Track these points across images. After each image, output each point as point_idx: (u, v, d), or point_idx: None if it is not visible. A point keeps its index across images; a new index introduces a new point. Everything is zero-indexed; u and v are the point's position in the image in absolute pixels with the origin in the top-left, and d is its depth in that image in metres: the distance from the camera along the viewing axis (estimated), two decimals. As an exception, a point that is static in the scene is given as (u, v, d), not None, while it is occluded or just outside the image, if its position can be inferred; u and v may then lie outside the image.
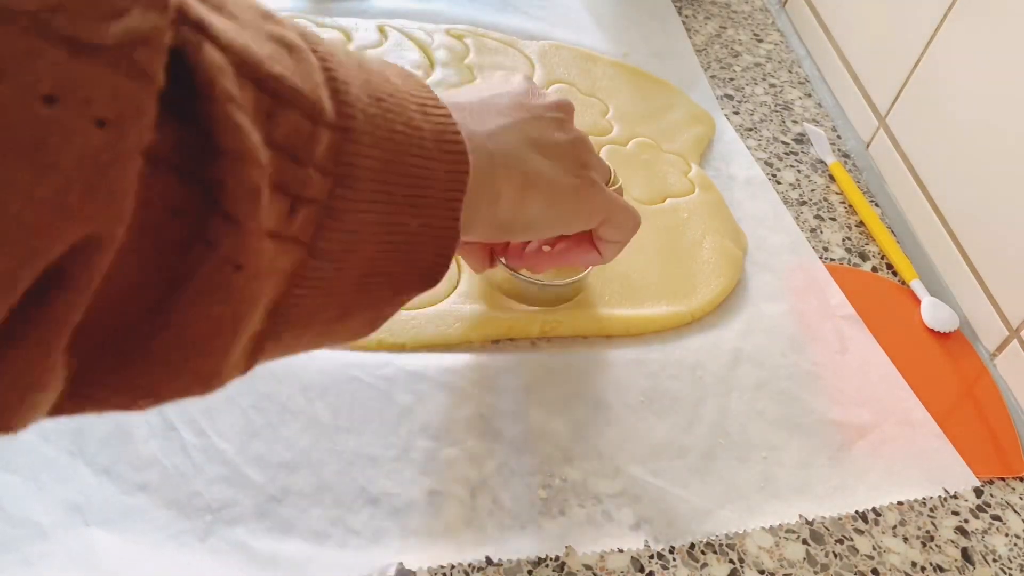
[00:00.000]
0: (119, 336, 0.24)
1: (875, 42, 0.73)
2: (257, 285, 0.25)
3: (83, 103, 0.19)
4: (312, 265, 0.27)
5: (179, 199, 0.23)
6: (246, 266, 0.24)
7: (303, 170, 0.26)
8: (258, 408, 0.45)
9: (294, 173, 0.26)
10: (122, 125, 0.20)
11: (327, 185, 0.27)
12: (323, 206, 0.27)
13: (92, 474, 0.42)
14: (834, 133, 0.74)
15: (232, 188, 0.23)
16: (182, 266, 0.24)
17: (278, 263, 0.26)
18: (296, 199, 0.26)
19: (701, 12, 0.85)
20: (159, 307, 0.24)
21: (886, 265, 0.63)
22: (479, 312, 0.52)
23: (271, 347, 0.28)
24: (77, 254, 0.20)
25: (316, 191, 0.27)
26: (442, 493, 0.44)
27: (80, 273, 0.21)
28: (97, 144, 0.20)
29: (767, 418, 0.51)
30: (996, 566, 0.47)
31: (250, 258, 0.24)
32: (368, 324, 0.33)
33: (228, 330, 0.25)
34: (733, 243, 0.60)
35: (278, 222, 0.25)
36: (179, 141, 0.22)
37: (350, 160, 0.28)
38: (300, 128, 0.26)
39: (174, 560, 0.40)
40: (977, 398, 0.56)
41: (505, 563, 0.42)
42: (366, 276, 0.30)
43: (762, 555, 0.45)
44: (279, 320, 0.28)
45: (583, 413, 0.49)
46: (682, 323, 0.55)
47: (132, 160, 0.21)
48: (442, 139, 0.32)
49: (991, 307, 0.59)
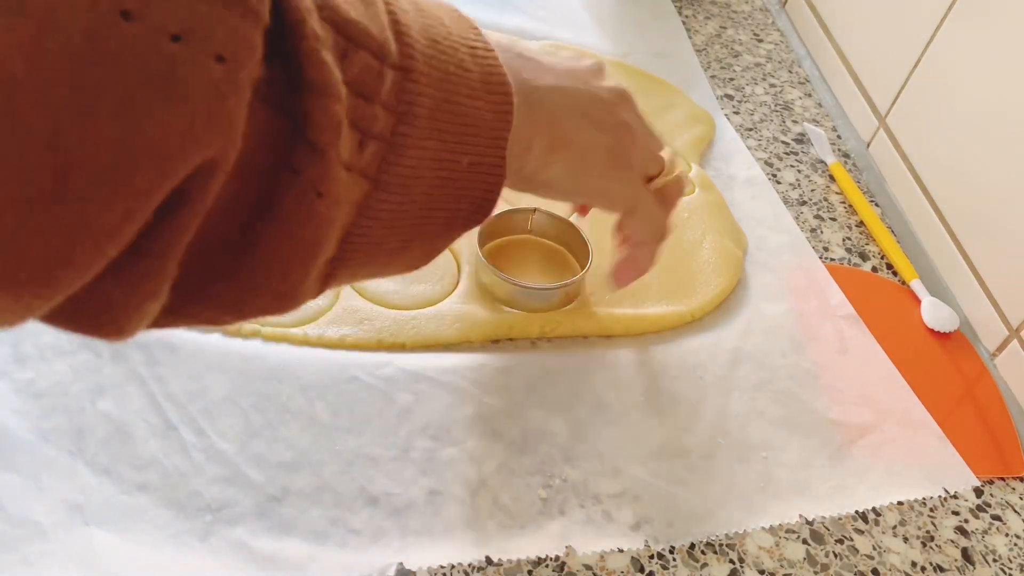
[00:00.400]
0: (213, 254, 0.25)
1: (875, 42, 0.73)
2: (336, 211, 0.27)
3: (205, 40, 0.21)
4: (377, 197, 0.29)
5: (272, 129, 0.25)
6: (326, 193, 0.26)
7: (371, 107, 0.28)
8: (258, 408, 0.45)
9: (364, 110, 0.28)
10: (237, 60, 0.22)
11: (391, 122, 0.29)
12: (387, 142, 0.29)
13: (92, 474, 0.42)
14: (834, 133, 0.74)
15: (317, 119, 0.25)
16: (272, 191, 0.25)
17: (351, 194, 0.28)
18: (365, 135, 0.28)
19: (701, 12, 0.85)
20: (249, 228, 0.26)
21: (886, 265, 0.63)
22: (479, 312, 0.52)
23: (341, 273, 0.30)
24: (197, 176, 0.22)
25: (381, 127, 0.28)
26: (442, 493, 0.44)
27: (198, 193, 0.23)
28: (217, 77, 0.22)
29: (767, 418, 0.51)
30: (996, 566, 0.47)
31: (330, 186, 0.26)
32: (425, 255, 0.35)
33: (309, 252, 0.27)
34: (733, 243, 0.60)
35: (351, 155, 0.27)
36: (270, 76, 0.24)
37: (411, 99, 0.29)
38: (370, 67, 0.28)
39: (174, 560, 0.40)
40: (977, 398, 0.56)
41: (505, 563, 0.42)
42: (424, 209, 0.32)
43: (762, 555, 0.45)
44: (349, 248, 0.30)
45: (583, 413, 0.49)
46: (682, 323, 0.55)
47: (246, 92, 0.23)
48: (489, 81, 0.33)
49: (991, 307, 0.59)
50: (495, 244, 0.55)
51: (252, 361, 0.47)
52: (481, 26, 0.34)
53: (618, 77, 0.45)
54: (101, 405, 0.44)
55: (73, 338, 0.46)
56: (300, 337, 0.49)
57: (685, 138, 0.68)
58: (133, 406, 0.44)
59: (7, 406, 0.43)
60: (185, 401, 0.45)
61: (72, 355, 0.46)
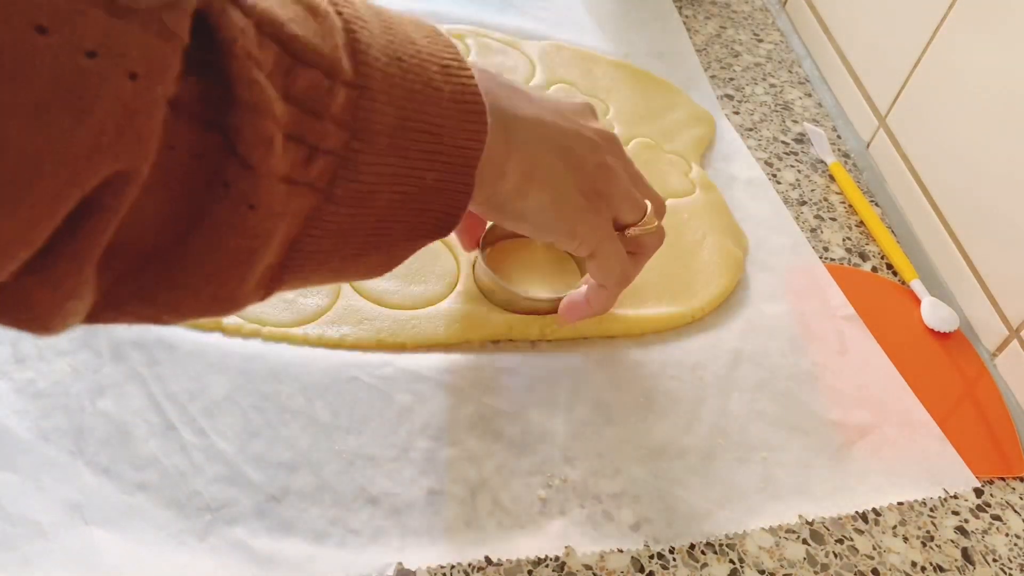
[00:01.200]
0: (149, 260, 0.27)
1: (875, 42, 0.73)
2: (270, 223, 0.28)
3: (118, 57, 0.22)
4: (328, 209, 0.30)
5: (200, 144, 0.26)
6: (258, 206, 0.27)
7: (320, 123, 0.28)
8: (258, 408, 0.45)
9: (311, 125, 0.28)
10: (151, 78, 0.23)
11: (343, 137, 0.29)
12: (339, 157, 0.30)
13: (92, 473, 0.42)
14: (834, 133, 0.74)
15: (247, 136, 0.26)
16: (203, 203, 0.26)
17: (293, 205, 0.29)
18: (313, 149, 0.29)
19: (701, 12, 0.85)
20: (183, 238, 0.27)
21: (886, 265, 0.63)
22: (479, 312, 0.52)
23: (289, 279, 0.31)
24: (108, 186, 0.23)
25: (333, 143, 0.29)
26: (442, 493, 0.44)
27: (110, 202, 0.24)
28: (128, 94, 0.22)
29: (767, 418, 0.51)
30: (996, 566, 0.47)
31: (263, 199, 0.27)
32: (383, 265, 0.35)
33: (243, 261, 0.28)
34: (734, 243, 0.60)
35: (293, 169, 0.28)
36: (202, 93, 0.25)
37: (366, 116, 0.30)
38: (318, 84, 0.28)
39: (173, 559, 0.40)
40: (977, 398, 0.56)
41: (505, 563, 0.42)
42: (381, 222, 0.32)
43: (762, 555, 0.45)
44: (296, 256, 0.30)
45: (583, 413, 0.49)
46: (682, 323, 0.55)
47: (158, 108, 0.24)
48: (461, 99, 0.33)
49: (991, 307, 0.59)
50: (499, 246, 0.55)
51: (252, 361, 0.47)
52: (482, 26, 0.34)
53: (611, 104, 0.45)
54: (101, 405, 0.44)
55: (73, 338, 0.46)
56: (300, 337, 0.49)
57: (685, 138, 0.68)
58: (133, 406, 0.44)
59: (7, 406, 0.43)
60: (185, 401, 0.45)
61: (72, 355, 0.46)
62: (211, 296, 0.29)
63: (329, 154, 0.29)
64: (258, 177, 0.27)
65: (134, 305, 0.28)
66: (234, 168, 0.26)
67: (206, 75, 0.25)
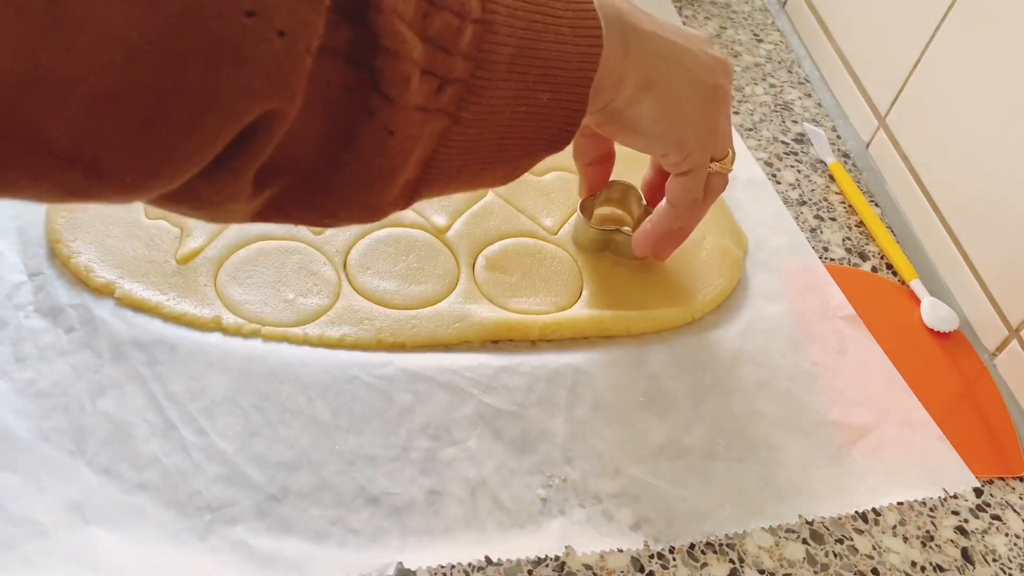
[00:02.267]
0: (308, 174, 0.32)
1: (875, 42, 0.73)
2: (407, 145, 0.33)
3: (270, 18, 0.27)
4: (455, 130, 0.35)
5: (350, 80, 0.31)
6: (397, 132, 0.32)
7: (450, 58, 0.33)
8: (258, 408, 0.45)
9: (443, 60, 0.33)
10: (295, 35, 0.28)
11: (469, 67, 0.34)
12: (466, 84, 0.34)
13: (92, 473, 0.42)
14: (834, 133, 0.74)
15: (389, 76, 0.31)
16: (351, 128, 0.32)
17: (426, 129, 0.34)
18: (444, 80, 0.33)
19: (701, 12, 0.85)
20: (335, 156, 0.32)
21: (886, 265, 0.63)
22: (479, 312, 0.52)
23: (425, 190, 0.36)
24: (262, 120, 0.28)
25: (460, 73, 0.33)
26: (442, 493, 0.44)
27: (264, 133, 0.29)
28: (277, 48, 0.27)
29: (767, 418, 0.51)
30: (996, 566, 0.47)
31: (400, 126, 0.32)
32: (507, 176, 0.40)
33: (386, 176, 0.34)
34: (734, 243, 0.60)
35: (426, 99, 0.33)
36: (353, 39, 0.30)
37: (490, 48, 0.34)
38: (450, 24, 0.33)
39: (174, 559, 0.40)
40: (977, 398, 0.56)
41: (505, 563, 0.42)
42: (502, 139, 0.37)
43: (762, 555, 0.45)
44: (431, 171, 0.35)
45: (583, 413, 0.49)
46: (682, 323, 0.55)
47: (302, 59, 0.28)
48: (578, 24, 0.37)
49: (991, 307, 0.59)
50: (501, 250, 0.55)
51: (252, 360, 0.47)
52: None
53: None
54: (101, 404, 0.44)
55: (73, 338, 0.46)
56: (300, 337, 0.49)
57: (685, 138, 0.68)
58: (133, 405, 0.44)
59: (7, 406, 0.43)
60: (185, 400, 0.45)
61: (72, 355, 0.46)
62: (360, 204, 0.34)
63: (457, 82, 0.34)
64: (397, 109, 0.32)
65: (297, 211, 0.34)
66: (377, 100, 0.31)
67: (357, 25, 0.30)
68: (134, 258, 0.50)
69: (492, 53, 0.34)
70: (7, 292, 0.48)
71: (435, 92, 0.33)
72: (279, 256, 0.52)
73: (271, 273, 0.51)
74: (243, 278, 0.51)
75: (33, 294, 0.48)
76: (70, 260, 0.49)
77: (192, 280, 0.50)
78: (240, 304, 0.50)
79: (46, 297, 0.48)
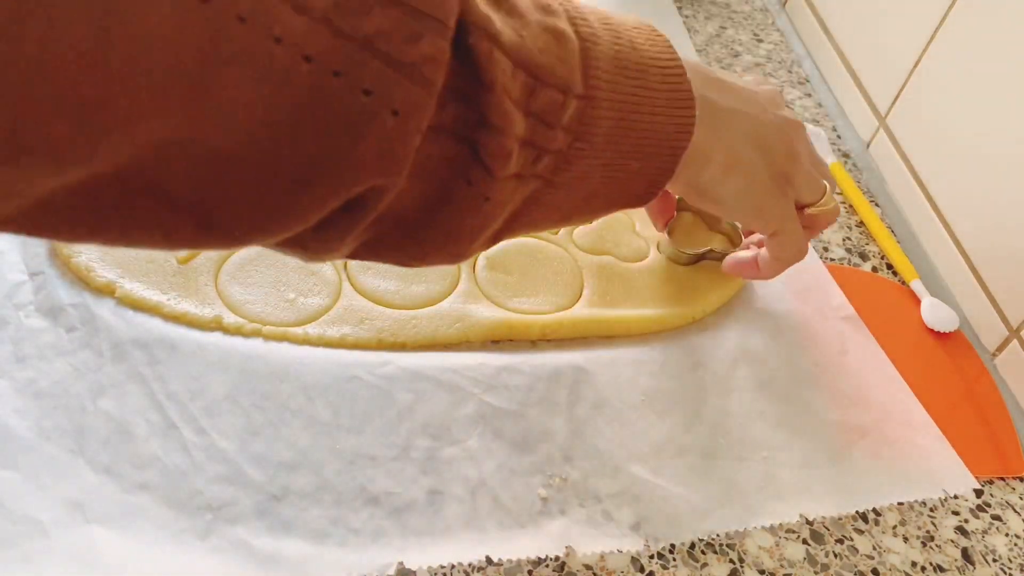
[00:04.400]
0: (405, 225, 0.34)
1: (875, 42, 0.73)
2: (499, 210, 0.35)
3: (386, 98, 0.28)
4: (547, 191, 0.36)
5: (453, 153, 0.32)
6: (492, 199, 0.34)
7: (552, 131, 0.34)
8: (259, 407, 0.45)
9: (544, 133, 0.34)
10: (408, 115, 0.29)
11: (568, 140, 0.35)
12: (562, 154, 0.35)
13: (93, 472, 0.42)
14: (834, 133, 0.74)
15: (492, 150, 0.32)
16: (450, 192, 0.33)
17: (519, 192, 0.35)
18: (542, 150, 0.35)
19: (701, 12, 0.85)
20: (432, 214, 0.34)
21: (886, 265, 0.63)
22: (479, 312, 0.52)
23: (507, 237, 0.38)
24: (369, 192, 0.30)
25: (559, 144, 0.35)
26: (442, 492, 0.44)
27: (370, 203, 0.31)
28: (391, 127, 0.29)
29: (767, 418, 0.51)
30: (996, 566, 0.47)
31: (496, 194, 0.34)
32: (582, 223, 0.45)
33: (476, 232, 0.36)
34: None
35: (523, 167, 0.34)
36: (460, 115, 0.31)
37: (590, 121, 0.35)
38: (554, 100, 0.34)
39: (174, 558, 0.40)
40: (977, 398, 0.56)
41: (505, 563, 0.42)
42: (588, 198, 0.38)
43: (762, 555, 0.45)
44: (516, 223, 0.37)
45: (583, 413, 0.49)
46: (683, 323, 0.55)
47: (412, 138, 0.30)
48: (674, 100, 0.39)
49: (991, 307, 0.59)
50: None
51: (253, 360, 0.47)
52: None
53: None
54: (102, 404, 0.44)
55: (73, 338, 0.46)
56: (300, 336, 0.49)
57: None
58: (134, 405, 0.44)
59: (8, 405, 0.43)
60: (186, 400, 0.45)
61: (73, 354, 0.46)
62: (448, 252, 0.36)
63: (555, 153, 0.35)
64: (495, 180, 0.33)
65: (389, 253, 0.36)
66: (477, 171, 0.33)
67: (463, 103, 0.31)
68: (135, 257, 0.50)
69: (592, 126, 0.35)
70: (7, 291, 0.48)
71: (532, 161, 0.34)
72: (280, 256, 0.52)
73: (272, 273, 0.51)
74: (244, 278, 0.51)
75: (34, 293, 0.48)
76: (71, 259, 0.49)
77: (193, 280, 0.50)
78: (241, 304, 0.50)
79: (47, 296, 0.48)
